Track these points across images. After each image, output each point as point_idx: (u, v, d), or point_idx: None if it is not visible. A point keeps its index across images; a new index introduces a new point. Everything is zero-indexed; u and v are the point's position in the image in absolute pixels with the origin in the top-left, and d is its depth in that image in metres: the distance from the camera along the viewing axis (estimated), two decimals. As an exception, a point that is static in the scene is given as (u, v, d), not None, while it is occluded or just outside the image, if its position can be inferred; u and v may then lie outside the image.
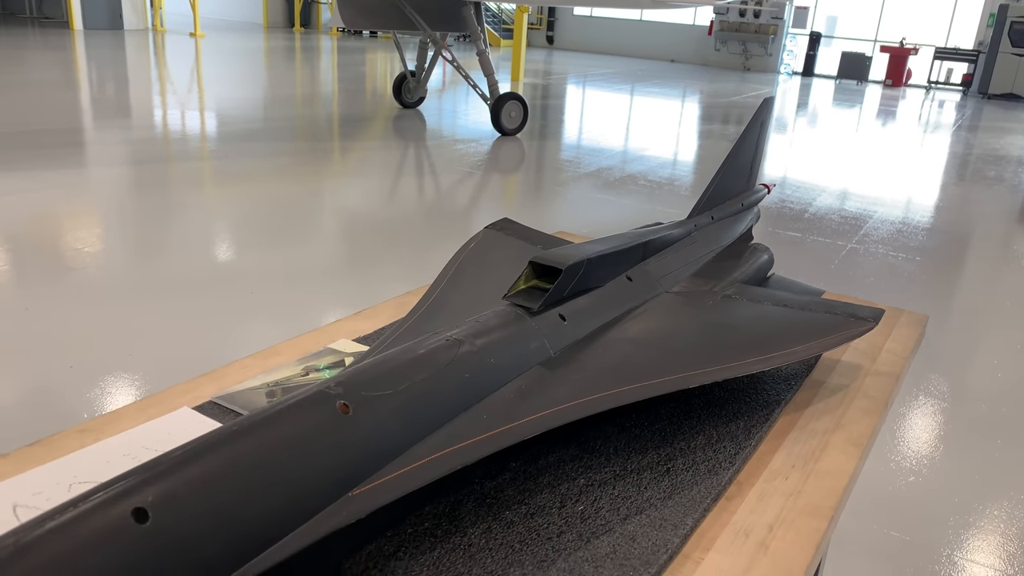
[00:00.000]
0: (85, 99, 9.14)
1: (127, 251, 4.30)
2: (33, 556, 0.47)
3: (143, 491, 0.52)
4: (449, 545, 0.71)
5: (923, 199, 6.96)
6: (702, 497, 0.80)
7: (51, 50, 13.63)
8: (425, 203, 5.71)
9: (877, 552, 2.29)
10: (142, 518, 0.51)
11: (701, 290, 1.14)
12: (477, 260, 1.23)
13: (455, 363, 0.77)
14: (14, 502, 0.72)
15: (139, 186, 5.61)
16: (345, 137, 7.91)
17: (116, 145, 6.85)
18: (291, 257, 4.37)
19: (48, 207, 4.95)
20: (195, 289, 3.83)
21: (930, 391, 3.31)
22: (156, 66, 12.87)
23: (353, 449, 0.64)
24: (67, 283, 3.80)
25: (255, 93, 10.46)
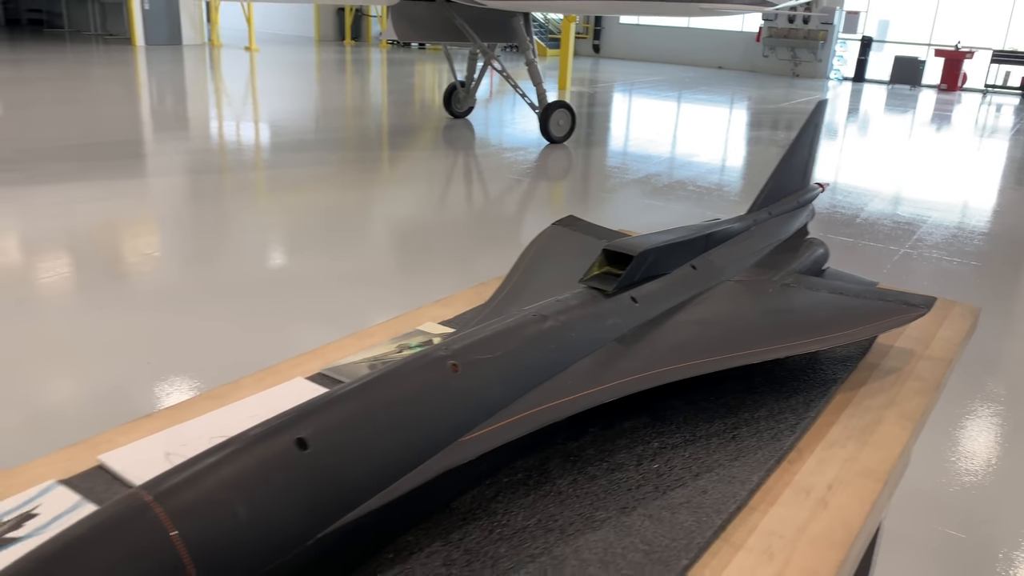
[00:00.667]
0: (150, 112, 9.51)
1: (193, 256, 4.50)
2: (213, 476, 0.58)
3: (303, 425, 0.62)
4: (541, 492, 0.80)
5: (979, 204, 6.86)
6: (766, 459, 0.88)
7: (116, 65, 14.18)
8: (476, 210, 5.83)
9: (933, 550, 2.32)
10: (303, 446, 0.61)
11: (761, 279, 1.22)
12: (547, 252, 1.32)
13: (542, 335, 0.87)
14: (166, 451, 0.84)
15: (202, 194, 5.85)
16: (397, 147, 8.10)
17: (182, 155, 7.14)
18: (353, 261, 4.52)
19: (117, 214, 5.20)
20: (254, 292, 4.00)
21: (987, 394, 3.30)
22: (215, 79, 13.30)
23: (462, 402, 0.74)
24: (135, 286, 4.00)
25: (309, 104, 10.75)
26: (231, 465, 0.58)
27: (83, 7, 20.85)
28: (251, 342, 3.43)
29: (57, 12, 21.65)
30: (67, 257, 4.36)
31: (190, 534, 0.53)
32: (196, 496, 0.55)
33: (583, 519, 0.76)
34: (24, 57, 14.69)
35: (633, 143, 9.05)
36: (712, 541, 0.76)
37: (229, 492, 0.56)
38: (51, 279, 4.02)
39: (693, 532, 0.75)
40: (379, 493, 0.64)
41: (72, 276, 4.08)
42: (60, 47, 16.96)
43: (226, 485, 0.57)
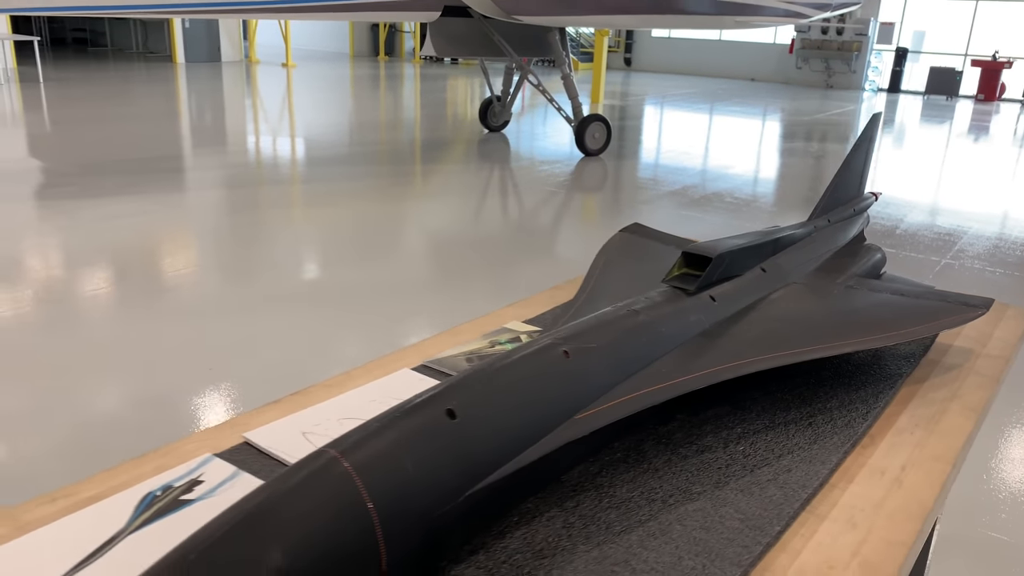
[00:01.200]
0: (198, 127, 9.78)
1: (239, 268, 4.66)
2: (384, 438, 0.67)
3: (451, 398, 0.72)
4: (639, 469, 0.89)
5: (1022, 215, 6.82)
6: (841, 443, 0.96)
7: (160, 82, 14.57)
8: (512, 221, 5.94)
9: (980, 553, 2.35)
10: (452, 416, 0.71)
11: (825, 281, 1.30)
12: (618, 255, 1.42)
13: (637, 329, 0.96)
14: (301, 430, 0.94)
15: (247, 208, 6.03)
16: (433, 160, 8.25)
17: (231, 169, 7.35)
18: (398, 272, 4.65)
19: (167, 228, 5.39)
20: (299, 302, 4.13)
21: (1032, 402, 3.31)
22: (254, 95, 13.61)
23: (575, 384, 0.83)
24: (180, 298, 4.16)
25: (347, 119, 10.97)
26: (396, 429, 0.67)
27: (125, 26, 21.44)
28: (294, 351, 3.55)
29: (100, 31, 22.28)
30: (120, 268, 4.54)
31: (371, 482, 0.62)
32: (373, 453, 0.64)
33: (681, 492, 0.85)
34: (71, 75, 15.15)
35: (667, 155, 9.11)
36: (799, 512, 0.84)
37: (398, 450, 0.65)
38: (102, 291, 4.19)
39: (782, 504, 0.83)
40: (510, 461, 0.73)
41: (125, 287, 4.25)
42: (105, 65, 17.45)
43: (395, 445, 0.66)
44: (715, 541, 0.77)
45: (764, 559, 0.77)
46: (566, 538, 0.75)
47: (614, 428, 0.95)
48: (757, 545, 0.76)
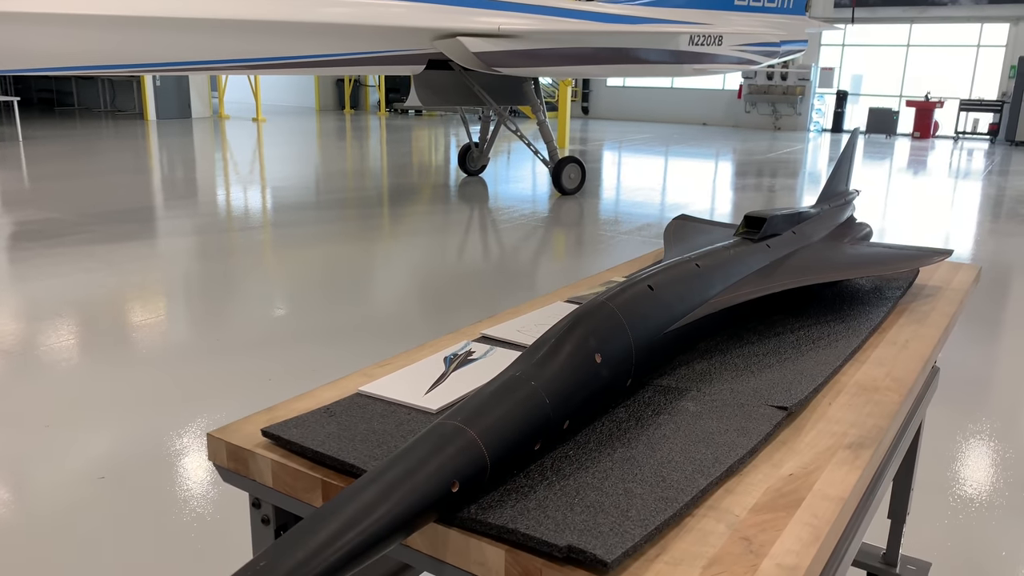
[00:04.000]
0: (176, 179, 10.15)
1: (214, 316, 5.05)
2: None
3: (651, 279, 1.19)
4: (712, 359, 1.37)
5: (961, 235, 7.54)
6: (860, 335, 1.45)
7: (137, 138, 14.88)
8: (494, 258, 6.43)
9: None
10: (651, 289, 1.18)
11: (834, 240, 1.81)
12: (679, 233, 1.92)
13: (729, 257, 1.44)
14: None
15: (229, 255, 6.43)
16: (414, 203, 8.74)
17: (204, 218, 7.74)
18: (398, 306, 5.09)
19: (144, 278, 5.76)
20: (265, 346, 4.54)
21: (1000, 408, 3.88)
22: (225, 149, 14.00)
23: (706, 283, 1.31)
24: (144, 345, 4.54)
25: (340, 167, 11.43)
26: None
27: (93, 86, 21.72)
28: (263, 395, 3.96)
29: (67, 91, 22.52)
30: (84, 319, 4.91)
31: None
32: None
33: (733, 369, 1.32)
34: (48, 134, 15.37)
35: (636, 194, 9.75)
36: (843, 367, 1.32)
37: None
38: (70, 340, 4.56)
39: (825, 364, 1.30)
40: (686, 315, 1.21)
41: (93, 334, 4.62)
42: (76, 124, 17.69)
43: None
44: (790, 372, 1.25)
45: (835, 378, 1.25)
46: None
47: (714, 321, 1.42)
48: (821, 375, 1.24)
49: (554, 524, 0.82)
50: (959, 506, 2.77)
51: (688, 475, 0.93)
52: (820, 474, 0.97)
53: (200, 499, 2.71)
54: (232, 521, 2.59)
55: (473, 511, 0.85)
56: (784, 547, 0.82)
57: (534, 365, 0.99)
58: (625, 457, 0.98)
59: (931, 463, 3.08)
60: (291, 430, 1.03)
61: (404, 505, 0.78)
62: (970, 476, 2.98)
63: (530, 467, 0.95)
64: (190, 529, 2.54)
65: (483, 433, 0.88)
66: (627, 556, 0.79)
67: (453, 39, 8.03)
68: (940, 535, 2.59)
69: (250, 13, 6.98)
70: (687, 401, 1.15)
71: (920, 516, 2.70)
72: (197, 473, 2.88)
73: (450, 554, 0.85)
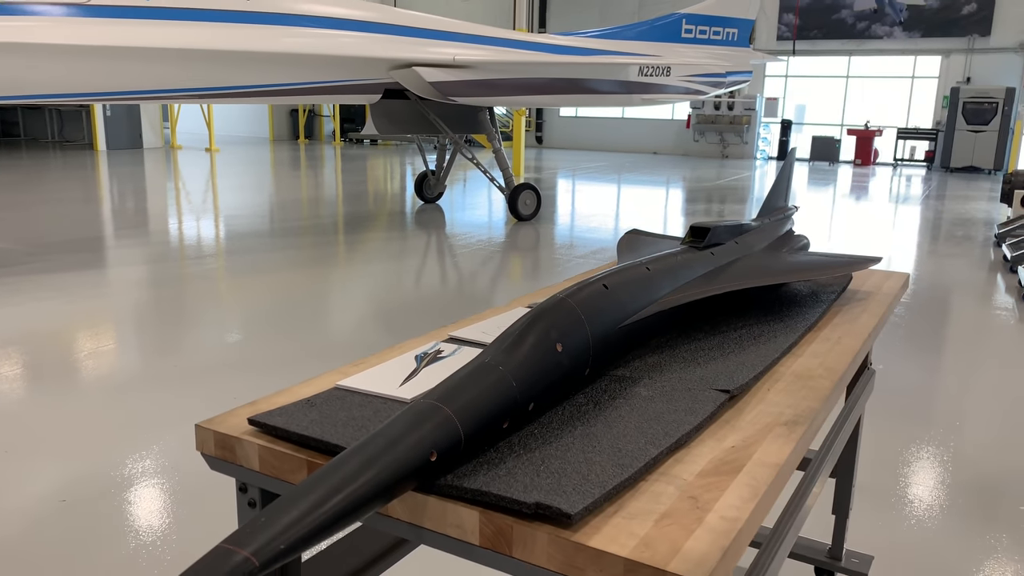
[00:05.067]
0: (127, 209, 10.06)
1: (167, 343, 5.06)
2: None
3: (606, 279, 1.30)
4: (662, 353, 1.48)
5: (904, 256, 7.87)
6: (798, 332, 1.58)
7: (87, 168, 14.67)
8: (451, 283, 6.53)
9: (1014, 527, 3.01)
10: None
11: (774, 250, 1.95)
12: (630, 245, 2.04)
13: (673, 266, 1.56)
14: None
15: (183, 283, 6.42)
16: (371, 230, 8.81)
17: (156, 247, 7.70)
18: (355, 333, 5.14)
19: (97, 309, 5.73)
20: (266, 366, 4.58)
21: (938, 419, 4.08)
22: (177, 179, 13.90)
23: (619, 302, 1.42)
24: (92, 375, 4.54)
25: (298, 195, 11.43)
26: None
27: (40, 116, 21.36)
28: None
29: (12, 121, 22.09)
30: (36, 347, 4.88)
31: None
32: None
33: (681, 361, 1.44)
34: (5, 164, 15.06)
35: (587, 220, 9.95)
36: (781, 359, 1.45)
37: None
38: (18, 371, 4.54)
39: (765, 357, 1.43)
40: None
41: (41, 364, 4.60)
42: (23, 155, 17.36)
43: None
44: (732, 363, 1.36)
45: (774, 368, 1.37)
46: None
47: (663, 319, 1.54)
48: (761, 365, 1.36)
49: (522, 487, 0.91)
50: (900, 503, 2.92)
51: (641, 447, 1.03)
52: (759, 446, 1.08)
53: (159, 522, 2.73)
54: (191, 544, 2.61)
55: (449, 479, 0.94)
56: (727, 503, 0.93)
57: (502, 353, 1.09)
58: (585, 433, 1.07)
59: (872, 463, 3.24)
60: (275, 418, 1.11)
61: (387, 472, 0.87)
62: (911, 476, 3.14)
63: (499, 444, 1.04)
64: (148, 553, 2.55)
65: (457, 411, 0.98)
66: (588, 512, 0.88)
67: (409, 69, 8.17)
68: (882, 530, 2.74)
69: (206, 43, 7.03)
70: (640, 387, 1.25)
71: (863, 513, 2.85)
72: (152, 499, 2.89)
73: (428, 519, 0.94)
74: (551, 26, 23.37)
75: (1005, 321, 5.51)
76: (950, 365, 4.52)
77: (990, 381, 4.26)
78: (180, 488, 2.93)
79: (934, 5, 18.75)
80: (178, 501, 2.84)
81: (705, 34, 11.80)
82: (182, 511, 2.77)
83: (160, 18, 6.93)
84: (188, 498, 2.87)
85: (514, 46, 9.49)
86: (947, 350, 4.80)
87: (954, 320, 5.50)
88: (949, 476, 3.15)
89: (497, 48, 9.19)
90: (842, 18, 19.75)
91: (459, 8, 24.57)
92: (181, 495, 2.89)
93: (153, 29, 6.85)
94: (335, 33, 7.88)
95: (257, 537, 0.76)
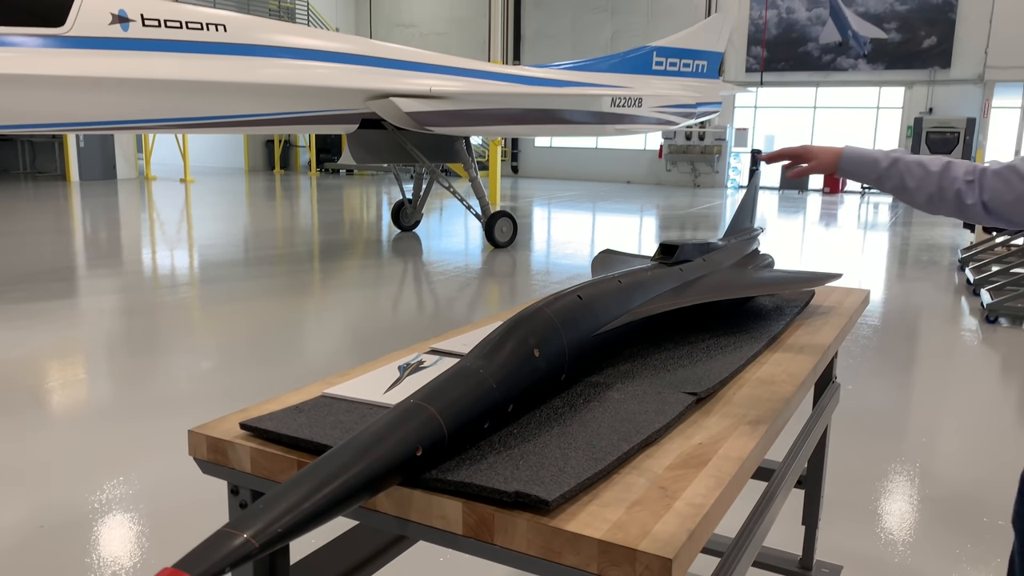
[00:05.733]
0: (102, 240, 10.01)
1: (140, 373, 5.07)
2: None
3: (581, 289, 1.37)
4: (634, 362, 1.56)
5: (873, 280, 8.06)
6: (761, 341, 1.66)
7: (57, 200, 14.57)
8: (428, 309, 6.58)
9: (862, 501, 3.09)
10: (581, 298, 1.36)
11: (739, 268, 2.04)
12: (604, 263, 2.12)
13: (643, 281, 1.64)
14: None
15: (157, 312, 6.41)
16: (347, 258, 8.85)
17: (130, 278, 7.68)
18: (332, 360, 5.17)
19: (65, 342, 5.72)
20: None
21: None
22: (156, 209, 13.86)
23: (592, 312, 1.50)
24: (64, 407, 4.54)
25: (274, 225, 11.44)
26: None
27: (12, 147, 21.19)
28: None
29: (-17, 152, 21.88)
30: (9, 376, 4.86)
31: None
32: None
33: (653, 368, 1.51)
34: (-38, 195, 14.90)
35: (562, 247, 10.07)
36: (746, 366, 1.52)
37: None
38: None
39: (731, 364, 1.51)
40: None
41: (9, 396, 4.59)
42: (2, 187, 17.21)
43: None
44: (700, 370, 1.44)
45: (739, 374, 1.45)
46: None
47: (635, 330, 1.61)
48: (727, 371, 1.44)
49: (503, 479, 0.97)
50: (867, 515, 3.00)
51: (614, 443, 1.10)
52: (724, 443, 1.16)
53: (132, 549, 2.73)
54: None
55: (434, 474, 0.99)
56: (694, 492, 0.99)
57: (483, 357, 1.16)
58: (561, 432, 1.14)
59: (842, 476, 3.32)
60: (266, 422, 1.16)
61: (376, 464, 0.93)
62: (879, 488, 3.22)
63: (481, 442, 1.10)
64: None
65: (441, 410, 1.04)
66: (564, 500, 0.95)
67: (386, 99, 8.28)
68: (851, 540, 2.81)
69: (181, 74, 7.08)
70: (613, 392, 1.32)
71: (833, 524, 2.92)
72: (121, 529, 2.90)
73: (414, 512, 1.00)
74: (525, 58, 23.73)
75: (969, 342, 5.66)
76: (918, 383, 4.64)
77: (955, 399, 4.38)
78: (155, 514, 2.94)
79: (896, 39, 19.33)
80: (154, 527, 2.84)
81: (675, 66, 12.08)
82: (158, 537, 2.78)
83: (135, 49, 6.98)
84: (163, 526, 2.87)
85: (489, 78, 9.66)
86: (915, 369, 4.93)
87: (921, 341, 5.64)
88: (916, 488, 3.24)
89: (473, 79, 9.34)
90: (808, 51, 20.28)
91: (435, 41, 24.89)
92: (157, 521, 2.89)
93: (128, 60, 6.90)
94: (312, 64, 7.98)
95: (256, 522, 0.81)
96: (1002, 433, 3.89)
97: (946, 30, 18.79)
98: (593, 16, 22.88)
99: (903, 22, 19.20)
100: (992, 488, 3.26)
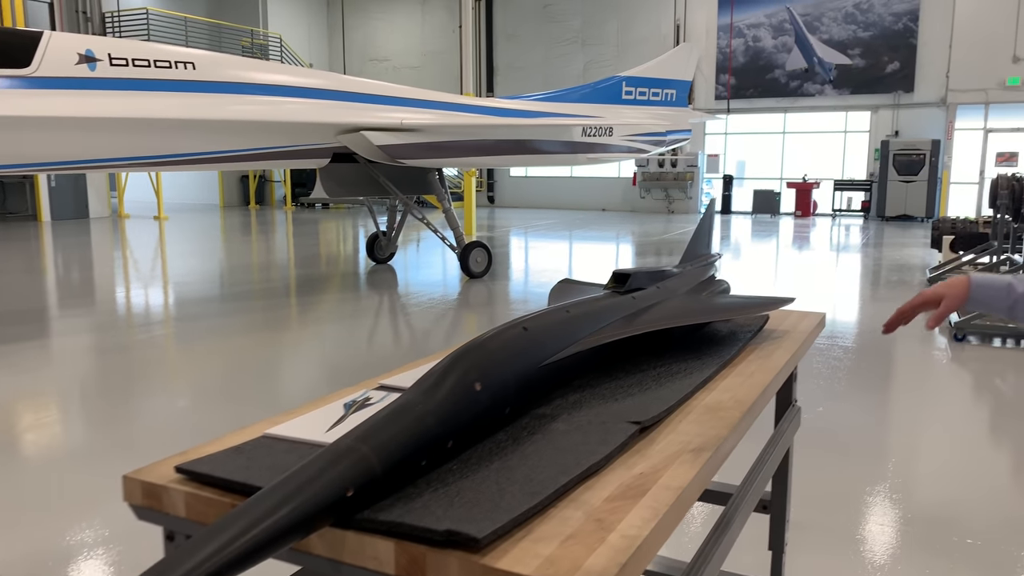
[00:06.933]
0: (74, 280, 9.91)
1: (114, 415, 5.00)
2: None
3: (525, 323, 1.37)
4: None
5: (846, 302, 8.14)
6: (712, 368, 1.67)
7: (27, 240, 14.42)
8: (405, 341, 6.56)
9: (832, 524, 3.09)
10: (526, 329, 1.36)
11: (694, 294, 2.06)
12: (561, 293, 2.12)
13: (593, 310, 1.65)
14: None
15: (130, 351, 6.34)
16: (323, 291, 8.81)
17: (103, 317, 7.60)
18: (309, 393, 5.12)
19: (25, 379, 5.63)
20: (255, 408, 4.54)
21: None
22: (129, 247, 13.74)
23: (539, 343, 1.50)
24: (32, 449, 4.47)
25: (252, 260, 11.37)
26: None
27: (-19, 188, 20.96)
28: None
29: (-48, 194, 21.63)
30: None
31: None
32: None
33: (601, 398, 1.51)
34: (-70, 238, 14.71)
35: (539, 276, 10.10)
36: (695, 393, 1.53)
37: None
38: (58, 415, 4.44)
39: (679, 391, 1.51)
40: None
41: (76, 411, 4.51)
42: (-38, 227, 17.00)
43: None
44: (648, 398, 1.44)
45: (687, 402, 1.45)
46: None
47: (584, 359, 1.61)
48: (674, 398, 1.44)
49: (435, 517, 0.96)
50: (838, 535, 3.00)
51: (553, 476, 1.09)
52: (665, 472, 1.15)
53: (104, 589, 2.67)
54: (138, 608, 2.55)
55: (366, 514, 0.98)
56: (629, 523, 0.99)
57: (422, 393, 1.15)
58: (501, 467, 1.13)
59: (809, 498, 3.32)
60: (203, 465, 1.14)
61: (304, 507, 0.92)
62: (849, 508, 3.23)
63: (418, 480, 1.09)
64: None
65: (375, 449, 1.03)
66: (496, 536, 0.94)
67: (357, 133, 8.31)
68: (824, 561, 2.81)
69: (152, 112, 7.08)
70: (558, 423, 1.32)
71: (801, 547, 2.92)
72: (95, 571, 2.83)
73: (347, 553, 0.98)
74: (498, 90, 23.96)
75: (939, 360, 5.72)
76: (887, 403, 4.67)
77: (925, 417, 4.42)
78: (123, 559, 2.87)
79: (860, 64, 19.75)
80: (121, 573, 2.78)
81: (645, 95, 12.25)
82: (122, 581, 2.72)
83: (103, 88, 6.97)
84: (132, 569, 2.81)
85: (461, 110, 9.73)
86: (885, 389, 4.96)
87: (891, 360, 5.69)
88: (886, 509, 3.25)
89: (444, 112, 9.41)
90: (775, 77, 20.65)
91: (409, 74, 25.08)
92: (116, 571, 2.83)
93: (96, 99, 6.88)
94: (282, 100, 8.00)
95: (176, 568, 0.80)
96: (973, 452, 3.92)
97: (908, 55, 19.23)
98: (564, 48, 23.20)
99: (866, 48, 19.64)
100: (963, 507, 3.28)
